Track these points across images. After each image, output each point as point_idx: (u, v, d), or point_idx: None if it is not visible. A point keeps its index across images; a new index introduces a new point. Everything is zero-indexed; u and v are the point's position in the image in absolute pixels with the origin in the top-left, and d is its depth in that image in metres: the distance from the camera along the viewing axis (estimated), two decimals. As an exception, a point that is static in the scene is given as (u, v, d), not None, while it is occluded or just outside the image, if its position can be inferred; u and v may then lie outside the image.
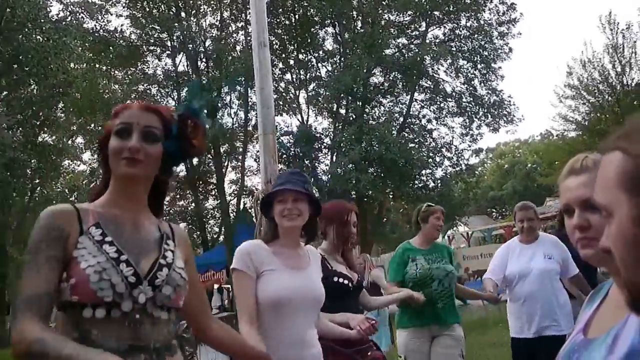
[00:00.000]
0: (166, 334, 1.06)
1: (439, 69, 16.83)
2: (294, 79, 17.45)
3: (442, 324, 2.80)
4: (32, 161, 11.94)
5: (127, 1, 16.07)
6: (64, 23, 12.66)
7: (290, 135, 16.59)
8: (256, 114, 3.62)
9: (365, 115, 15.96)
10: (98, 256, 0.99)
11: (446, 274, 2.84)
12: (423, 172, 16.05)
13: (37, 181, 14.26)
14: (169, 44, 16.62)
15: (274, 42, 15.91)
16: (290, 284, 1.65)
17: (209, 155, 16.55)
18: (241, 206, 15.92)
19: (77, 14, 14.17)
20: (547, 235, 3.18)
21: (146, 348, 1.00)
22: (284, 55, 17.09)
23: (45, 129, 13.08)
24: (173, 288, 1.06)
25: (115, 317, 0.98)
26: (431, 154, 16.43)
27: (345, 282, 2.19)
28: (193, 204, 16.50)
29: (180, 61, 16.79)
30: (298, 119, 17.13)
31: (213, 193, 17.07)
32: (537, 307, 2.88)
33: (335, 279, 2.16)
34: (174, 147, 1.10)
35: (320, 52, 17.32)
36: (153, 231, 1.12)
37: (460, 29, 17.19)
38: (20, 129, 11.60)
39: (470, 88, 17.17)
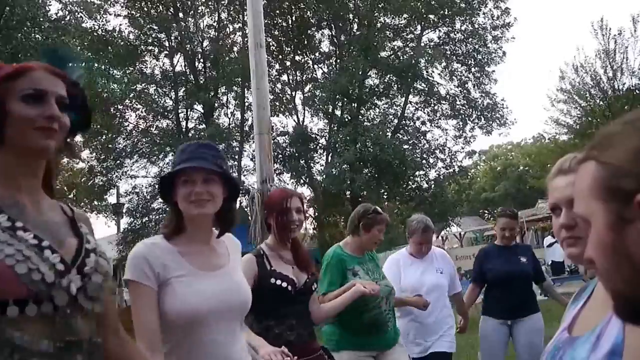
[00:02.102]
0: (96, 329, 0.92)
1: (433, 71, 17.10)
2: (290, 80, 17.64)
3: (391, 346, 2.39)
4: (31, 158, 12.03)
5: (126, 1, 16.20)
6: (62, 22, 12.78)
7: (286, 136, 16.78)
8: (252, 114, 3.76)
9: (360, 116, 16.18)
10: (15, 244, 0.82)
11: (389, 290, 2.42)
12: (417, 173, 16.29)
13: (36, 178, 14.33)
14: (166, 44, 16.75)
15: (270, 44, 16.09)
16: (207, 291, 1.27)
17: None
18: (237, 205, 16.06)
19: (76, 14, 14.28)
20: (437, 249, 3.02)
21: (82, 343, 0.87)
22: (280, 57, 17.27)
23: (44, 127, 13.17)
24: (102, 275, 0.93)
25: (47, 312, 0.83)
26: (425, 156, 16.68)
27: (284, 284, 1.80)
28: (189, 203, 16.62)
29: (178, 61, 16.95)
30: (294, 120, 17.34)
31: (209, 192, 17.19)
32: (428, 323, 2.73)
33: (273, 280, 1.80)
34: (77, 118, 0.95)
35: (317, 54, 17.53)
36: (57, 213, 0.97)
37: (455, 32, 17.45)
38: (19, 126, 11.70)
39: (464, 91, 17.45)
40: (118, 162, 15.95)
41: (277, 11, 16.57)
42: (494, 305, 3.11)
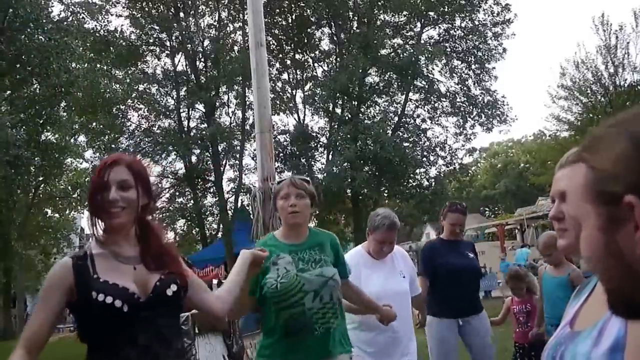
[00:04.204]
0: None
1: (433, 69, 17.13)
2: (291, 79, 17.72)
3: (327, 356, 1.79)
4: (36, 159, 12.16)
5: (127, 1, 16.30)
6: (65, 23, 12.87)
7: (287, 134, 16.88)
8: (253, 113, 3.81)
9: (360, 114, 16.24)
10: None
11: (324, 281, 1.80)
12: (417, 170, 16.35)
13: (41, 178, 14.52)
14: (168, 43, 16.85)
15: (270, 42, 16.17)
16: None
17: (207, 154, 16.81)
18: (239, 203, 16.21)
19: (78, 15, 14.38)
20: (397, 248, 2.59)
21: None
22: (280, 55, 17.34)
23: (48, 127, 13.29)
24: None
25: None
26: (425, 153, 16.73)
27: (110, 300, 1.20)
28: (192, 201, 16.74)
29: (179, 61, 17.04)
30: (295, 118, 17.43)
31: (212, 190, 17.33)
32: (401, 337, 2.33)
33: (94, 295, 1.20)
34: None
35: (317, 52, 17.60)
36: None
37: (455, 29, 17.46)
38: (24, 127, 11.81)
39: (464, 88, 17.46)
40: (121, 161, 16.04)
41: (277, 10, 16.63)
42: (444, 303, 2.84)
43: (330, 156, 15.98)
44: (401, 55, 16.61)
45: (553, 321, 2.86)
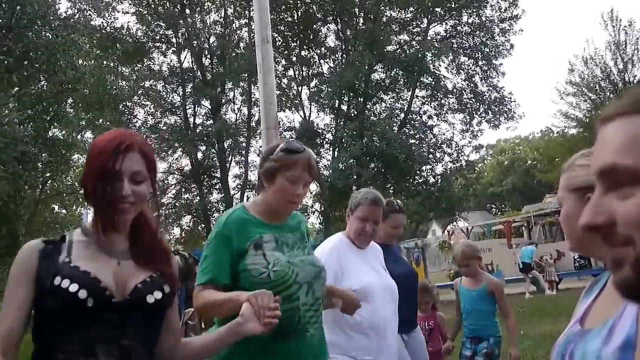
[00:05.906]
0: None
1: (440, 65, 17.01)
2: (297, 76, 17.68)
3: None
4: (43, 155, 12.30)
5: (133, -2, 16.35)
6: (72, 20, 12.94)
7: (293, 131, 16.87)
8: (259, 109, 3.80)
9: (366, 111, 16.20)
10: None
11: (317, 272, 1.49)
12: (423, 167, 16.28)
13: (48, 174, 14.70)
14: (174, 40, 16.90)
15: (276, 39, 16.14)
16: None
17: (213, 150, 16.86)
18: (245, 200, 16.25)
19: (85, 12, 14.47)
20: (373, 243, 2.15)
21: None
22: (286, 52, 17.31)
23: (55, 123, 13.45)
24: None
25: None
26: (432, 150, 16.65)
27: (76, 288, 0.99)
28: (198, 198, 16.81)
29: (185, 57, 17.10)
30: (300, 115, 17.41)
31: (217, 187, 17.40)
32: (389, 340, 1.92)
33: (57, 281, 1.00)
34: None
35: (322, 49, 17.54)
36: None
37: (462, 25, 17.33)
38: (31, 123, 11.93)
39: (471, 85, 17.34)
40: (127, 158, 16.16)
41: (283, 6, 16.59)
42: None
43: (336, 153, 15.96)
44: (407, 52, 16.51)
45: (469, 334, 2.77)
